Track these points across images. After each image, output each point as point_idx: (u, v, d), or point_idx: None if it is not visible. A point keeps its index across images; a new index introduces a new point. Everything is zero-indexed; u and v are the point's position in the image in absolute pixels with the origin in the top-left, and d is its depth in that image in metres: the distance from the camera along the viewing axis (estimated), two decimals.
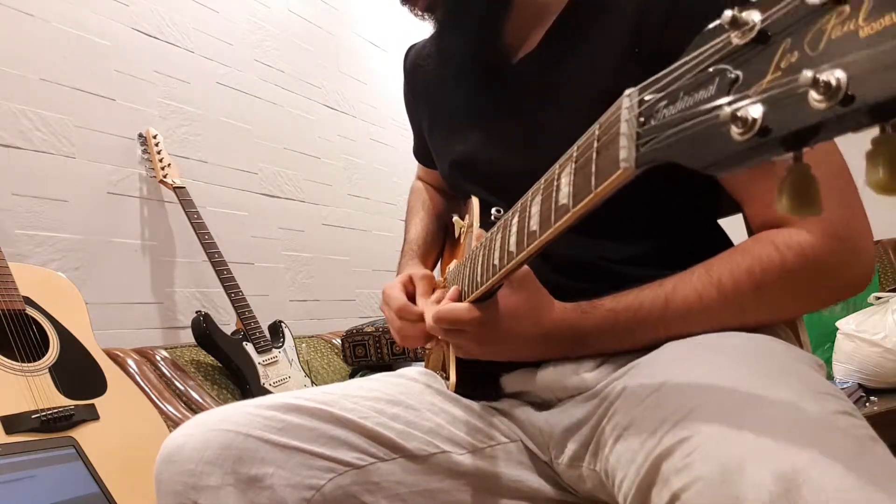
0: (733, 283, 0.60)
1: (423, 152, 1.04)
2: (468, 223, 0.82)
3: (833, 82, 0.23)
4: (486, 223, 0.74)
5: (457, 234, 0.90)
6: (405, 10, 0.82)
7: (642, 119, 0.35)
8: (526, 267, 0.60)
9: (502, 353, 0.66)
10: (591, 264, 0.71)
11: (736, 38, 0.29)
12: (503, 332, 0.63)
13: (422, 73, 0.95)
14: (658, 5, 0.65)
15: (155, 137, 1.80)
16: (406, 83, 1.00)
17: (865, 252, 0.60)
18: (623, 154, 0.36)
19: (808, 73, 0.24)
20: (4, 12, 1.57)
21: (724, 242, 0.75)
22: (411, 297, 0.82)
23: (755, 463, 0.41)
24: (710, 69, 0.31)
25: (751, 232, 0.70)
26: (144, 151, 1.81)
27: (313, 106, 2.52)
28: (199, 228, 1.74)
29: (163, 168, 1.77)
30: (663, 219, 0.72)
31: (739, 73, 0.29)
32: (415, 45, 1.00)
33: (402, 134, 2.95)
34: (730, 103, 0.28)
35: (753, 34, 0.28)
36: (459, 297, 0.67)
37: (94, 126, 1.73)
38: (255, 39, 2.31)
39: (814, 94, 0.24)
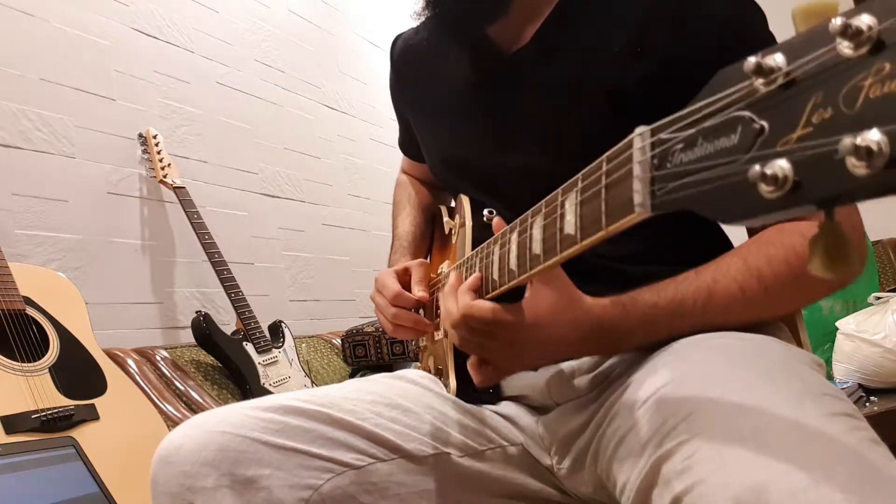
0: (773, 273, 0.60)
1: (408, 144, 1.02)
2: (459, 223, 0.81)
3: (875, 148, 0.22)
4: (478, 223, 0.73)
5: (447, 232, 0.89)
6: (405, 10, 0.81)
7: (656, 161, 0.34)
8: None
9: (534, 356, 0.61)
10: (589, 262, 0.71)
11: (760, 85, 0.27)
12: (539, 334, 0.58)
13: (410, 62, 0.93)
14: (663, 12, 0.66)
15: (155, 137, 1.80)
16: (392, 72, 0.97)
17: (864, 239, 0.64)
18: (638, 198, 0.35)
19: (847, 141, 0.23)
20: (4, 12, 1.57)
21: (723, 242, 0.75)
22: (406, 286, 0.81)
23: (755, 465, 0.40)
24: (732, 115, 0.29)
25: (751, 233, 0.71)
26: (144, 151, 1.81)
27: (313, 106, 2.52)
28: (199, 228, 1.74)
29: (163, 168, 1.77)
30: (664, 216, 0.72)
31: (765, 123, 0.27)
32: (402, 34, 0.97)
33: None
34: (757, 159, 0.27)
35: (779, 82, 0.27)
36: (480, 285, 0.61)
37: (94, 126, 1.73)
38: (255, 39, 2.31)
39: (853, 161, 0.23)
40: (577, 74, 0.71)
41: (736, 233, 0.73)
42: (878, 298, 1.80)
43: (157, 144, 1.80)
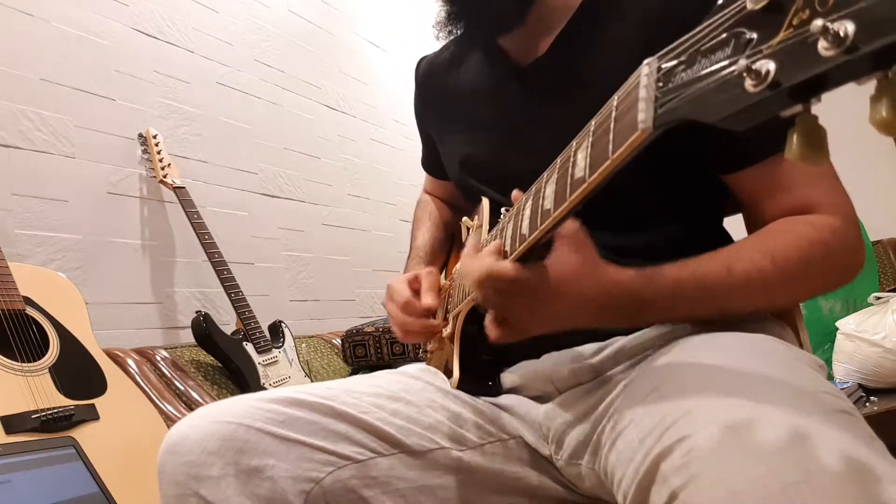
0: (785, 256, 0.61)
1: (432, 163, 1.05)
2: (477, 224, 0.83)
3: (841, 32, 0.25)
4: (495, 225, 0.74)
5: (464, 238, 0.91)
6: (405, 10, 0.83)
7: (661, 84, 0.37)
8: (576, 223, 0.57)
9: (554, 318, 0.59)
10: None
11: (751, 4, 0.30)
12: (561, 293, 0.57)
13: (433, 80, 0.96)
14: (671, 14, 0.66)
15: (155, 137, 1.80)
16: (417, 94, 1.01)
17: (861, 235, 0.66)
18: (641, 116, 0.37)
19: (818, 22, 0.26)
20: (4, 12, 1.57)
21: (727, 240, 0.76)
22: (416, 295, 0.82)
23: (753, 463, 0.41)
24: (726, 33, 0.32)
25: (752, 231, 0.71)
26: (144, 151, 1.81)
27: (313, 106, 2.52)
28: (199, 228, 1.74)
29: (163, 168, 1.77)
30: (669, 212, 0.73)
31: (754, 34, 0.30)
32: (425, 56, 1.01)
33: (402, 134, 2.95)
34: (745, 58, 0.30)
35: (766, 1, 0.30)
36: (500, 252, 0.60)
37: (94, 126, 1.73)
38: (255, 39, 2.31)
39: (822, 43, 0.26)
40: (590, 81, 0.72)
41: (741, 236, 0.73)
42: (878, 298, 1.80)
43: (157, 144, 1.80)
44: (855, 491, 0.38)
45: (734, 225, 0.78)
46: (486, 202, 0.82)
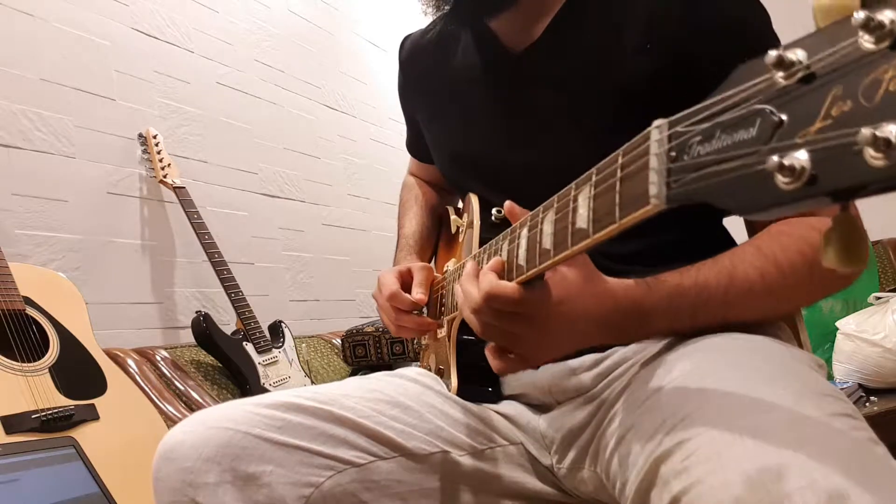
0: (788, 261, 0.59)
1: (416, 145, 1.02)
2: (467, 221, 0.81)
3: (894, 140, 0.23)
4: (486, 222, 0.73)
5: (454, 231, 0.89)
6: (405, 10, 0.81)
7: (673, 154, 0.34)
8: None
9: (557, 340, 0.57)
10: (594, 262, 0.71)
11: (780, 79, 0.27)
12: (565, 314, 0.55)
13: (419, 62, 0.93)
14: (671, 7, 0.66)
15: (155, 137, 1.80)
16: (401, 73, 0.97)
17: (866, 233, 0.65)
18: (653, 190, 0.34)
19: (866, 132, 0.23)
20: (4, 12, 1.57)
21: (727, 241, 0.75)
22: (406, 287, 0.81)
23: (754, 466, 0.40)
24: (751, 108, 0.29)
25: (752, 231, 0.70)
26: (144, 151, 1.81)
27: (313, 106, 2.52)
28: (199, 228, 1.74)
29: (163, 168, 1.77)
30: (670, 215, 0.71)
31: (784, 116, 0.27)
32: (410, 35, 0.97)
33: (402, 134, 2.94)
34: (775, 150, 0.27)
35: (799, 76, 0.27)
36: (501, 270, 0.56)
37: (94, 126, 1.73)
38: (255, 39, 2.31)
39: (871, 152, 0.23)
40: (587, 71, 0.71)
41: (740, 236, 0.73)
42: (878, 298, 1.81)
43: (157, 144, 1.80)
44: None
45: (734, 225, 0.78)
46: (475, 199, 0.80)
